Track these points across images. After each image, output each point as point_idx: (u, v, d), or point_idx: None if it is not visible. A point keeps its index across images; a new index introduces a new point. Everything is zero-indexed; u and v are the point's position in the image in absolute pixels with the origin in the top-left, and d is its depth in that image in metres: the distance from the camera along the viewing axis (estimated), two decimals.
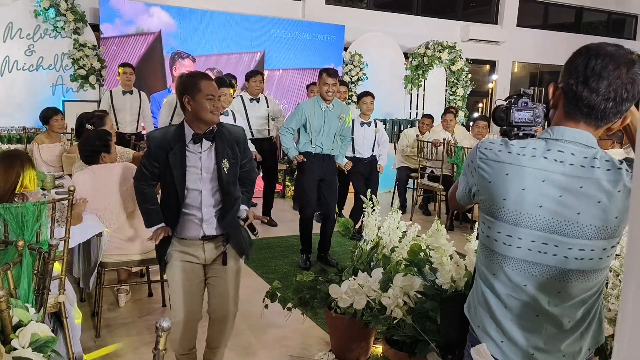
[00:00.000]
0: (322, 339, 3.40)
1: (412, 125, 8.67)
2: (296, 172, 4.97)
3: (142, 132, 6.44)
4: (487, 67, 11.30)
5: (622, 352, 0.61)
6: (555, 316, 1.33)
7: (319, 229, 4.90)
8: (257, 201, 6.87)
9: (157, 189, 2.75)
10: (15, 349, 1.76)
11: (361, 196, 3.35)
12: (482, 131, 6.57)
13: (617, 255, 1.84)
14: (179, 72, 7.69)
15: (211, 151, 2.56)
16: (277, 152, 6.70)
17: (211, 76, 2.74)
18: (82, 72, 6.98)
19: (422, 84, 9.70)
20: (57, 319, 2.80)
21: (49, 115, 5.02)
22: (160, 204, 2.67)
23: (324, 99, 4.66)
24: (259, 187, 6.70)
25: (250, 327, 3.54)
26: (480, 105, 11.04)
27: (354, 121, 5.66)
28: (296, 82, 8.43)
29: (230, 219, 2.62)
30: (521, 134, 1.67)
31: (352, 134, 5.65)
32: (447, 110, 7.12)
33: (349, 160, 5.24)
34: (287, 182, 7.68)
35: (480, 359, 1.41)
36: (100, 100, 7.19)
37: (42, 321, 1.98)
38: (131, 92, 6.35)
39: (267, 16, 8.26)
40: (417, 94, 9.75)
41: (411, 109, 9.77)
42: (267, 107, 5.96)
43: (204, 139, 2.53)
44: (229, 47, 8.00)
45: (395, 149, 7.53)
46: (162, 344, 1.26)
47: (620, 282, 2.21)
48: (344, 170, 5.13)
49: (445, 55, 9.50)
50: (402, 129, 8.73)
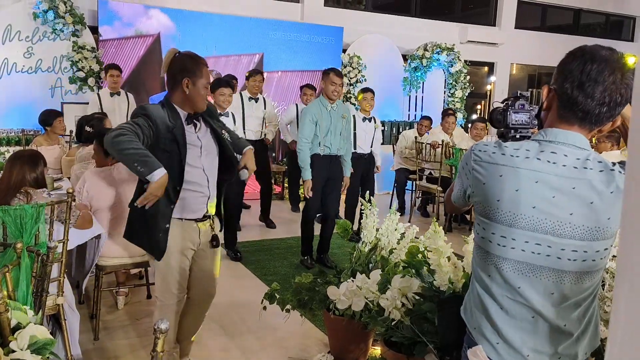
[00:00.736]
0: (321, 341, 3.41)
1: (411, 127, 8.68)
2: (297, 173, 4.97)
3: None
4: (486, 68, 11.31)
5: (614, 353, 0.62)
6: (550, 318, 1.33)
7: (318, 230, 4.90)
8: (253, 203, 6.86)
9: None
10: (13, 351, 1.76)
11: (360, 198, 3.34)
12: (480, 133, 6.58)
13: (614, 257, 1.85)
14: None
15: (206, 130, 2.60)
16: (268, 153, 6.66)
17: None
18: (81, 74, 6.99)
19: (421, 85, 9.71)
20: (55, 321, 2.81)
21: (52, 117, 5.04)
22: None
23: (329, 99, 4.61)
24: (256, 189, 6.68)
25: (248, 329, 3.54)
26: (478, 107, 11.05)
27: (355, 117, 5.71)
28: (295, 84, 8.43)
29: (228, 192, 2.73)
30: (518, 136, 1.68)
31: (355, 129, 5.69)
32: (448, 112, 7.09)
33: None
34: (285, 184, 7.67)
35: None
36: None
37: (41, 323, 1.98)
38: (119, 94, 6.35)
39: (266, 18, 8.27)
40: (416, 96, 9.76)
41: (410, 110, 9.78)
42: (265, 108, 5.93)
43: (195, 120, 2.54)
44: (227, 49, 8.01)
45: (393, 151, 7.54)
46: (160, 346, 1.26)
47: None
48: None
49: (443, 57, 9.52)
50: (400, 130, 8.74)
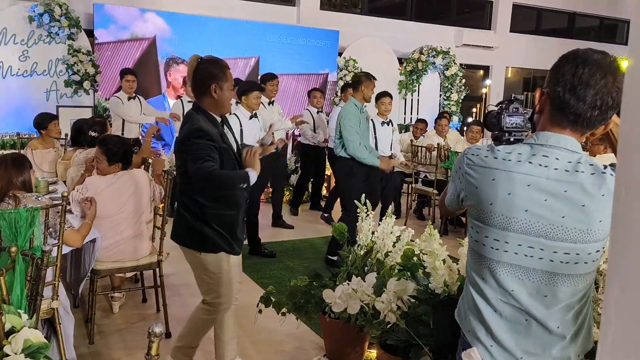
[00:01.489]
0: (317, 344, 3.40)
1: (407, 130, 8.69)
2: (340, 176, 5.06)
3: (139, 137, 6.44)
4: (481, 72, 11.35)
5: (605, 353, 0.62)
6: (543, 320, 1.34)
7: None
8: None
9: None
10: (7, 355, 1.76)
11: (355, 201, 3.34)
12: (475, 136, 6.59)
13: (607, 259, 1.86)
14: (174, 78, 7.69)
15: (229, 133, 2.76)
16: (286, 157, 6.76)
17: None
18: (77, 77, 6.97)
19: (416, 88, 9.74)
20: (50, 325, 2.80)
21: (47, 120, 5.03)
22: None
23: (366, 102, 4.95)
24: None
25: (244, 332, 3.53)
26: (474, 110, 11.08)
27: (374, 121, 5.79)
28: (291, 88, 8.44)
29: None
30: (512, 139, 1.69)
31: (375, 133, 5.76)
32: (441, 115, 7.15)
33: None
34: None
35: None
36: (94, 105, 7.19)
37: (35, 327, 1.97)
38: (134, 98, 6.34)
39: (262, 22, 8.28)
40: (412, 99, 9.79)
41: (405, 113, 9.80)
42: (280, 111, 6.07)
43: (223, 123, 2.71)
44: (223, 53, 7.96)
45: None
46: (154, 350, 1.26)
47: None
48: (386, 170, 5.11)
49: (439, 60, 9.54)
50: None
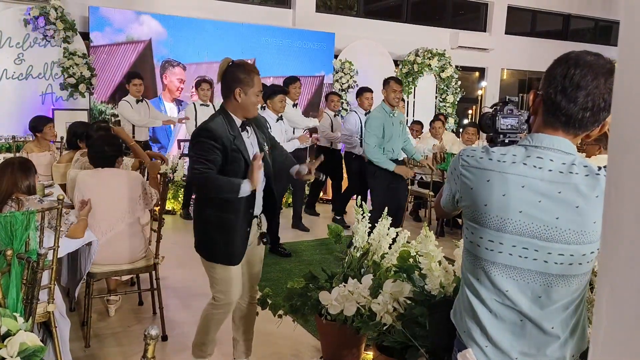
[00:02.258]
0: (313, 346, 3.41)
1: None
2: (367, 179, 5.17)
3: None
4: (477, 74, 11.39)
5: (596, 353, 0.63)
6: (538, 321, 1.35)
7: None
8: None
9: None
10: (3, 359, 1.76)
11: (353, 204, 3.35)
12: (471, 137, 6.62)
13: None
14: (170, 81, 7.69)
15: (253, 137, 2.70)
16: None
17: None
18: (72, 80, 6.96)
19: (412, 90, 9.76)
20: (46, 329, 2.79)
21: (42, 123, 5.03)
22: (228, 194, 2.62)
23: (391, 105, 4.96)
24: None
25: None
26: (470, 111, 11.11)
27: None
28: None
29: (271, 200, 2.80)
30: (507, 141, 1.70)
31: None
32: (436, 117, 7.18)
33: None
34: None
35: None
36: (90, 108, 7.18)
37: (31, 330, 1.97)
38: (142, 101, 6.35)
39: (258, 24, 8.29)
40: (407, 101, 9.81)
41: None
42: (301, 114, 6.16)
43: (247, 126, 2.66)
44: (219, 55, 7.95)
45: None
46: (150, 352, 1.26)
47: None
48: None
49: (434, 62, 9.57)
50: None
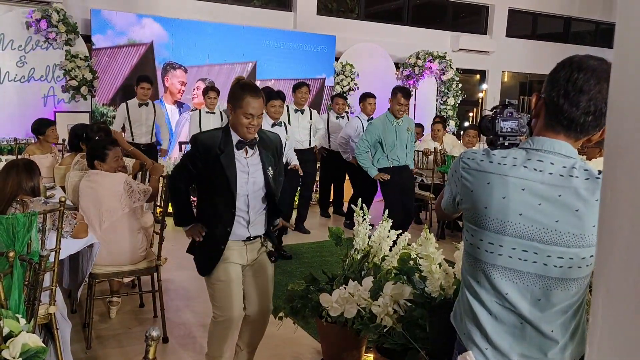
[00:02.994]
0: (314, 348, 3.41)
1: None
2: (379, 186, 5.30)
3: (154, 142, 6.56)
4: (477, 76, 11.39)
5: (593, 355, 0.63)
6: (537, 323, 1.35)
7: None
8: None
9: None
10: None
11: (352, 205, 3.36)
12: (472, 140, 6.63)
13: None
14: (171, 83, 7.71)
15: (256, 157, 2.64)
16: (317, 163, 6.75)
17: (259, 92, 2.58)
18: (74, 83, 6.98)
19: (413, 93, 9.76)
20: (47, 331, 2.80)
21: (44, 126, 5.06)
22: (206, 207, 2.68)
23: (394, 116, 5.06)
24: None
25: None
26: (470, 114, 11.12)
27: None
28: (288, 92, 8.44)
29: (273, 221, 2.77)
30: (507, 144, 1.70)
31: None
32: (434, 120, 7.21)
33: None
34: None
35: None
36: (92, 111, 7.20)
37: (33, 332, 1.98)
38: (147, 104, 6.37)
39: (259, 27, 8.31)
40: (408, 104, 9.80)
41: None
42: (310, 119, 6.05)
43: (247, 147, 2.61)
44: (220, 58, 8.03)
45: None
46: (151, 353, 1.27)
47: None
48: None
49: (435, 65, 9.58)
50: None
